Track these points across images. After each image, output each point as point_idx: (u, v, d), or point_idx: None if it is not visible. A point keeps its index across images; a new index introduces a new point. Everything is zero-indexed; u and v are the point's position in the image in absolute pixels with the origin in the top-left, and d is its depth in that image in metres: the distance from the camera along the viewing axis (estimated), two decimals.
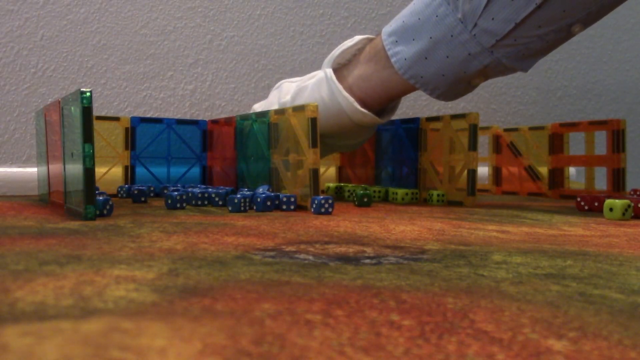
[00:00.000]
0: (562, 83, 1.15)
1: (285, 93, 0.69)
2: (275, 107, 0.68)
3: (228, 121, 0.72)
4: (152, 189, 0.69)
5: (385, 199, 0.70)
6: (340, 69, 0.66)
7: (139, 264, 0.26)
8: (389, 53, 0.61)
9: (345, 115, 0.63)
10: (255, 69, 0.91)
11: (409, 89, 0.63)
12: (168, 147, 0.75)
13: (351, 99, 0.63)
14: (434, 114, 1.00)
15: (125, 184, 0.72)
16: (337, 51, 0.66)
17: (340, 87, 0.63)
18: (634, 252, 0.33)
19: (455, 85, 0.61)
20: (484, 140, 0.97)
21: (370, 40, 0.65)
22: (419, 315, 0.19)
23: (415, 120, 0.71)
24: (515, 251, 0.32)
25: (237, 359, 0.14)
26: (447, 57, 0.58)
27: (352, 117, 0.63)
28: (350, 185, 0.74)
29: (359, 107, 0.63)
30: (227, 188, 0.63)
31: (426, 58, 0.59)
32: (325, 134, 0.67)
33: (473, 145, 0.64)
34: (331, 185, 0.77)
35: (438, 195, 0.66)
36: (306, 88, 0.67)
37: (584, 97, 1.17)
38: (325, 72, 0.65)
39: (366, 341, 0.16)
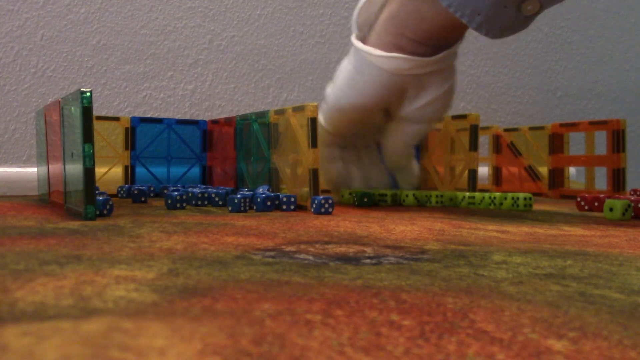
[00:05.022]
0: (562, 83, 1.15)
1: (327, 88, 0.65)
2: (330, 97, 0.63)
3: (228, 121, 0.72)
4: (152, 189, 0.69)
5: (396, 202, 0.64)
6: (370, 33, 0.60)
7: (139, 264, 0.26)
8: None
9: (379, 70, 0.56)
10: (255, 69, 0.91)
11: (447, 20, 0.53)
12: (168, 147, 0.75)
13: (371, 49, 0.56)
14: None
15: (125, 184, 0.72)
16: (356, 11, 0.60)
17: (360, 44, 0.57)
18: (634, 252, 0.33)
19: (501, 9, 0.50)
20: (484, 140, 0.97)
21: None
22: (419, 315, 0.19)
23: None
24: (515, 251, 0.32)
25: (237, 359, 0.14)
26: None
27: (385, 68, 0.56)
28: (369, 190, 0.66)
29: (380, 52, 0.55)
30: (227, 188, 0.63)
31: None
32: (390, 105, 0.59)
33: (474, 146, 0.64)
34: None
35: (437, 196, 0.64)
36: (339, 70, 0.62)
37: (584, 97, 1.17)
38: (351, 41, 0.60)
39: (366, 341, 0.16)
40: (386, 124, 0.63)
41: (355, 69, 0.58)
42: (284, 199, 0.54)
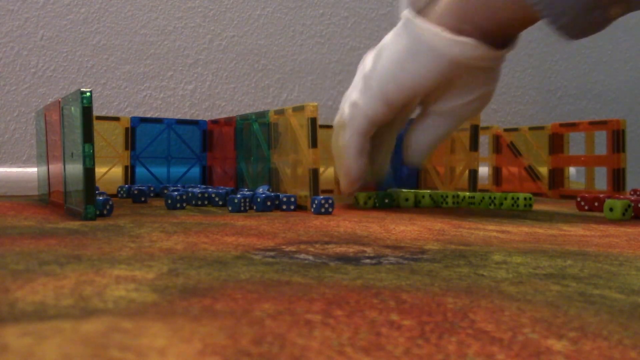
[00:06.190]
0: (562, 83, 1.15)
1: (367, 62, 0.57)
2: (359, 82, 0.56)
3: (228, 121, 0.72)
4: (152, 189, 0.69)
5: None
6: (426, 9, 0.53)
7: (139, 264, 0.26)
8: None
9: (438, 54, 0.50)
10: (255, 69, 0.91)
11: (522, 11, 0.49)
12: (168, 147, 0.75)
13: (437, 28, 0.50)
14: None
15: (125, 184, 0.72)
16: None
17: (419, 20, 0.50)
18: (634, 252, 0.33)
19: (589, 11, 0.46)
20: (484, 140, 0.97)
21: None
22: (419, 315, 0.19)
23: None
24: (515, 251, 0.32)
25: (237, 359, 0.14)
26: None
27: (447, 53, 0.50)
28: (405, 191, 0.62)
29: (448, 34, 0.49)
30: (227, 188, 0.63)
31: None
32: (426, 96, 0.54)
33: (474, 146, 0.64)
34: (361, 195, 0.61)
35: (453, 197, 0.61)
36: (385, 45, 0.55)
37: (584, 97, 1.17)
38: (402, 16, 0.53)
39: (366, 341, 0.16)
40: (413, 118, 0.58)
41: (407, 50, 0.52)
42: (284, 199, 0.54)
